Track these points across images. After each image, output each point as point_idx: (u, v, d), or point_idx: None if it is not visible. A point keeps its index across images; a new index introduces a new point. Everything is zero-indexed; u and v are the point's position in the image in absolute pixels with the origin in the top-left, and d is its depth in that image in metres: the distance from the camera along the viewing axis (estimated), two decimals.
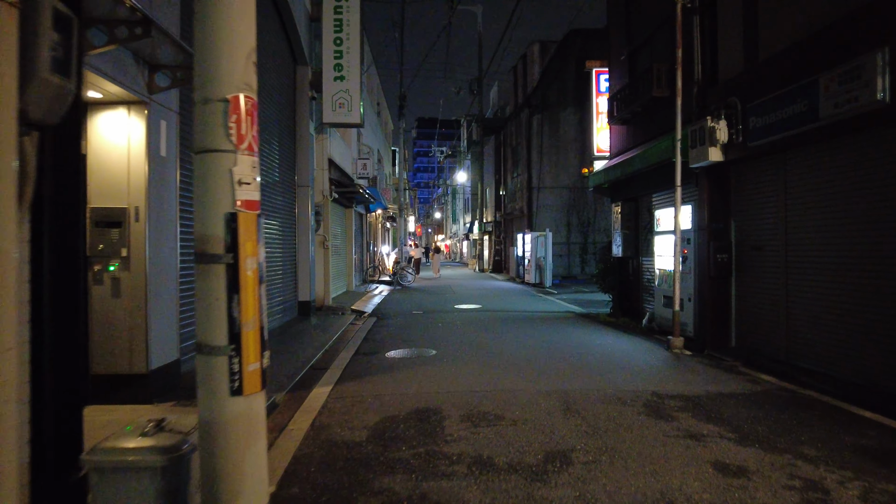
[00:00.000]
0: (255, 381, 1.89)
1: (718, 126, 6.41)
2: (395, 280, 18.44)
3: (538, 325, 9.40)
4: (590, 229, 23.25)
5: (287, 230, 9.77)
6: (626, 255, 10.11)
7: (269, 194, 8.68)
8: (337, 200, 13.26)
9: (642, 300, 9.92)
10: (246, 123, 1.91)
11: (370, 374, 5.79)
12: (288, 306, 9.74)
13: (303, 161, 10.40)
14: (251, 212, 1.91)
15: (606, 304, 12.29)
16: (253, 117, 1.95)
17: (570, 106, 23.15)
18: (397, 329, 9.05)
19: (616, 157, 10.36)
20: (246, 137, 1.91)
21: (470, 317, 10.49)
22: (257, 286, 1.93)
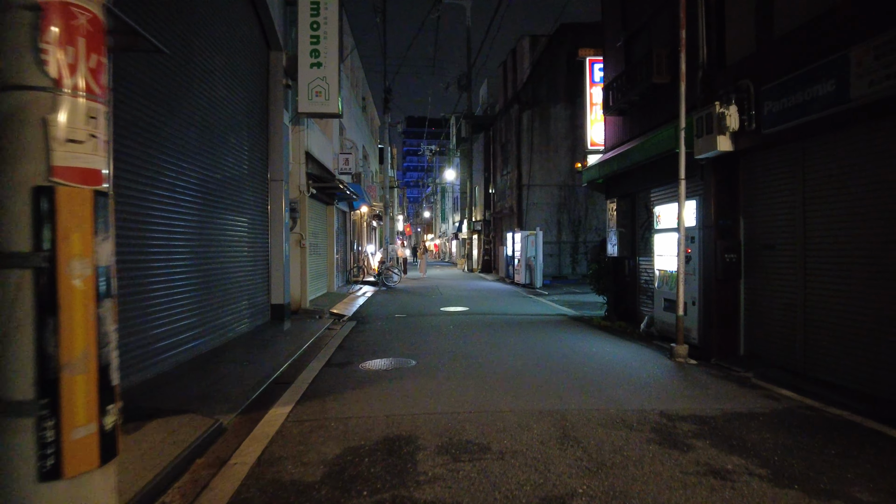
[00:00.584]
0: (86, 453, 1.19)
1: (728, 112, 5.78)
2: (380, 281, 17.71)
3: (529, 330, 8.75)
4: (581, 228, 22.71)
5: (257, 228, 9.02)
6: (622, 254, 9.49)
7: (236, 188, 7.95)
8: (316, 197, 12.52)
9: (639, 303, 9.31)
10: (78, 49, 1.21)
11: (339, 391, 5.09)
12: (258, 310, 9.00)
13: (276, 154, 9.65)
14: (84, 187, 1.21)
15: (600, 306, 11.67)
16: (94, 42, 1.26)
17: (561, 101, 22.58)
18: (376, 335, 8.35)
19: (611, 151, 9.75)
20: (77, 70, 1.21)
21: (456, 321, 9.81)
22: (93, 304, 1.23)
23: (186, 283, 6.28)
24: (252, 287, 8.70)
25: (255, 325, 8.66)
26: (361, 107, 23.26)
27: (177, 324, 6.00)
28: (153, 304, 5.38)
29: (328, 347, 7.37)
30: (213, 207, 7.12)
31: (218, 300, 7.20)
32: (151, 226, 5.43)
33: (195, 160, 6.49)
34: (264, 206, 9.44)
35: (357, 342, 7.73)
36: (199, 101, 6.59)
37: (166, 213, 5.75)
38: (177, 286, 6.01)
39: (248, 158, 8.62)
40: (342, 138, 16.09)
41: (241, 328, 8.05)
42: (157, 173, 5.51)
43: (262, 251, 9.27)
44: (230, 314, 7.64)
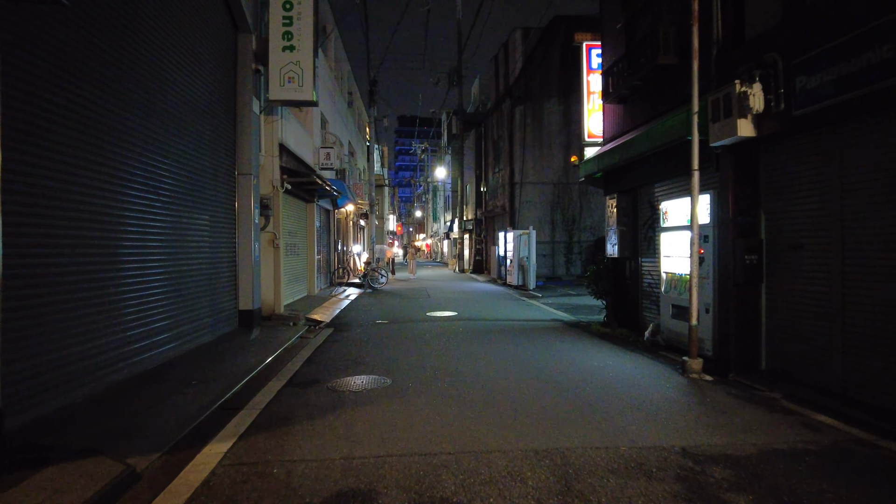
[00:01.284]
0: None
1: (752, 91, 4.99)
2: (365, 283, 16.85)
3: (522, 338, 7.93)
4: (575, 227, 21.97)
5: (222, 226, 8.15)
6: (623, 255, 8.70)
7: (195, 182, 7.07)
8: (293, 193, 11.64)
9: (642, 308, 8.52)
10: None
11: (294, 420, 4.24)
12: (223, 317, 8.12)
13: (245, 145, 8.77)
14: None
15: (598, 310, 10.89)
16: None
17: (555, 96, 21.83)
18: (352, 345, 7.50)
19: (611, 142, 8.95)
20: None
21: (443, 328, 8.98)
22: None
23: (130, 289, 5.43)
24: (215, 292, 7.83)
25: (218, 334, 7.78)
26: (347, 101, 22.38)
27: (114, 336, 5.14)
28: (83, 315, 4.51)
29: (295, 361, 6.51)
30: (165, 203, 6.25)
31: (170, 308, 6.33)
32: (85, 223, 4.57)
33: (139, 149, 5.62)
34: (230, 202, 8.56)
35: (329, 354, 6.87)
36: (144, 81, 5.72)
37: (103, 210, 4.91)
38: (117, 294, 5.16)
39: (211, 149, 7.74)
40: (324, 132, 15.21)
41: (201, 338, 7.18)
42: (90, 163, 4.64)
43: (227, 252, 8.40)
44: (186, 323, 6.77)
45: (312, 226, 13.44)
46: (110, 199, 5.07)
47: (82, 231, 4.57)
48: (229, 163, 8.52)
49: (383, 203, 36.69)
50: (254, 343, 7.49)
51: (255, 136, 8.99)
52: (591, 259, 22.44)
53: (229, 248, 8.50)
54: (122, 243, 5.32)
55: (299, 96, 9.13)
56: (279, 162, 10.10)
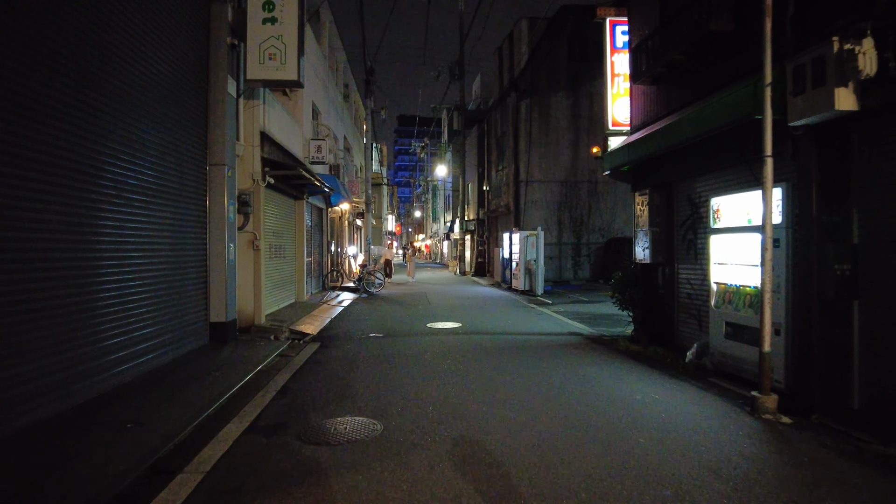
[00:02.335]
0: None
1: (861, 49, 3.79)
2: (360, 287, 15.64)
3: (540, 360, 6.72)
4: (583, 228, 20.79)
5: (189, 224, 6.94)
6: (656, 260, 7.50)
7: (154, 172, 5.87)
8: (279, 189, 10.43)
9: (678, 322, 7.33)
10: None
11: (242, 499, 3.03)
12: (189, 332, 6.92)
13: (218, 131, 7.57)
14: None
15: (620, 321, 9.73)
16: None
17: (563, 90, 20.65)
18: (339, 367, 6.28)
19: (641, 130, 7.76)
20: None
21: (446, 345, 7.78)
22: None
23: (62, 302, 4.27)
24: (178, 302, 6.62)
25: (182, 351, 6.57)
26: (343, 94, 21.16)
27: (37, 363, 3.99)
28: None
29: (267, 390, 5.30)
30: (109, 196, 5.05)
31: (117, 324, 5.12)
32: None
33: (70, 128, 4.44)
34: (200, 196, 7.36)
35: (309, 381, 5.66)
36: (77, 45, 4.53)
37: (22, 202, 3.76)
38: (42, 308, 4.00)
39: (175, 134, 6.54)
40: (316, 123, 14.00)
41: (160, 358, 5.97)
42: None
43: (195, 255, 7.19)
44: (138, 342, 5.57)
45: (302, 225, 12.23)
46: (24, 189, 3.90)
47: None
48: (198, 151, 7.31)
49: (381, 202, 35.47)
50: (223, 364, 6.28)
51: (230, 121, 7.78)
52: (602, 262, 21.30)
53: (198, 250, 7.29)
54: (44, 250, 4.15)
55: (281, 75, 7.93)
56: (261, 152, 8.89)
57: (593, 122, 20.73)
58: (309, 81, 12.90)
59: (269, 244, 10.06)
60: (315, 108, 13.99)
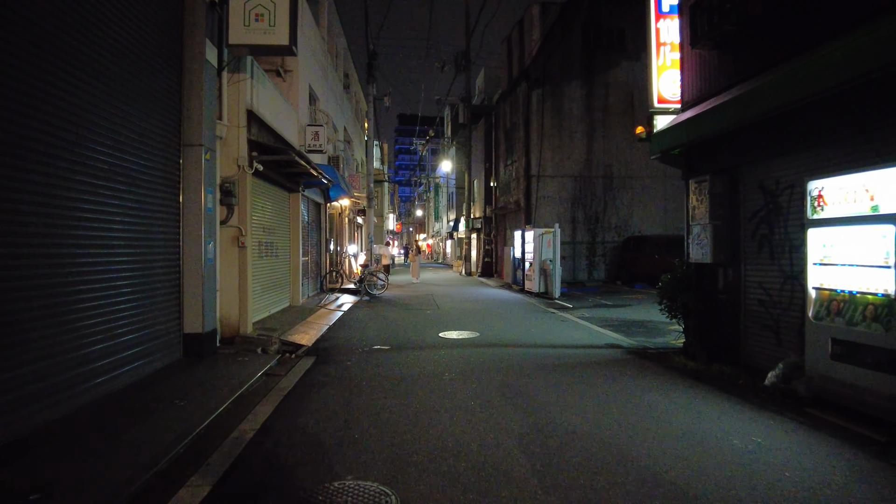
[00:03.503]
0: None
1: None
2: (362, 289, 14.41)
3: (588, 384, 5.48)
4: (598, 226, 19.56)
5: (154, 214, 5.71)
6: (718, 259, 6.27)
7: (109, 149, 4.64)
8: (271, 179, 9.20)
9: (744, 334, 6.09)
10: None
11: None
12: (156, 345, 5.68)
13: (194, 106, 6.34)
14: None
15: (657, 328, 8.58)
16: None
17: (577, 79, 19.43)
18: (337, 396, 5.04)
19: (696, 107, 6.53)
20: None
21: (466, 361, 6.54)
22: None
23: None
24: (142, 310, 5.39)
25: (145, 371, 5.33)
26: (343, 84, 19.93)
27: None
28: None
29: (245, 427, 4.06)
30: (44, 176, 3.82)
31: (45, 343, 3.89)
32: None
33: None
34: (171, 183, 6.13)
35: (299, 416, 4.41)
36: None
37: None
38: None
39: (136, 104, 5.31)
40: (314, 109, 12.76)
41: (110, 383, 4.73)
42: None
43: (164, 252, 5.96)
44: (80, 364, 4.34)
45: (297, 221, 11.00)
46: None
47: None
48: (169, 128, 6.08)
49: (383, 200, 34.26)
50: (193, 388, 5.05)
51: (209, 94, 6.55)
52: (619, 263, 20.05)
53: (168, 247, 6.06)
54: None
55: (270, 40, 6.70)
56: (247, 134, 7.66)
57: (609, 113, 19.54)
58: (306, 62, 11.68)
59: (259, 241, 8.83)
60: (312, 92, 12.75)
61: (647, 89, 7.48)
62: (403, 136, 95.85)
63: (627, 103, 19.66)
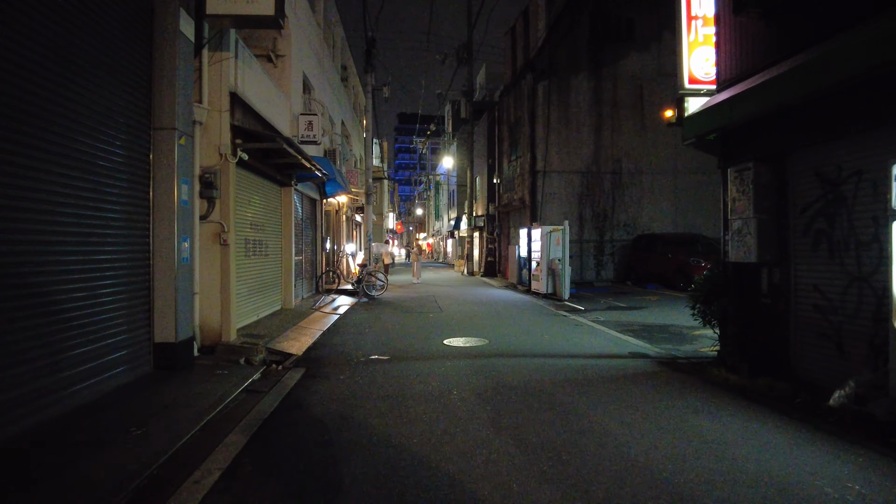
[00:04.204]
0: None
1: None
2: (360, 290, 13.63)
3: (623, 405, 4.70)
4: (607, 224, 18.78)
5: (116, 208, 4.94)
6: (763, 259, 5.49)
7: (56, 129, 3.87)
8: (260, 171, 8.43)
9: (795, 344, 5.31)
10: None
11: None
12: (123, 358, 4.92)
13: (167, 85, 5.57)
14: None
15: (680, 333, 7.86)
16: None
17: (584, 71, 18.64)
18: (326, 424, 4.25)
19: (736, 85, 5.75)
20: None
21: (473, 374, 5.77)
22: None
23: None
24: (100, 318, 4.62)
25: (106, 387, 4.56)
26: (341, 77, 19.16)
27: None
28: None
29: (205, 472, 3.27)
30: None
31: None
32: None
33: None
34: (139, 171, 5.35)
35: (277, 451, 3.64)
36: None
37: None
38: None
39: (96, 80, 4.54)
40: (308, 98, 11.98)
41: (56, 406, 3.95)
42: None
43: (129, 252, 5.18)
44: (31, 379, 3.57)
45: (289, 217, 10.22)
46: None
47: None
48: (137, 109, 5.30)
49: (382, 198, 33.49)
50: (158, 409, 4.27)
51: (184, 72, 5.76)
52: (629, 262, 19.23)
53: (135, 246, 5.28)
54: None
55: (253, 9, 5.92)
56: (230, 119, 6.88)
57: (618, 107, 18.76)
58: (299, 48, 10.90)
59: (246, 239, 8.06)
60: (307, 80, 11.97)
61: (677, 69, 6.68)
62: (404, 136, 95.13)
63: (637, 96, 18.90)
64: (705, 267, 14.44)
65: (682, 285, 14.77)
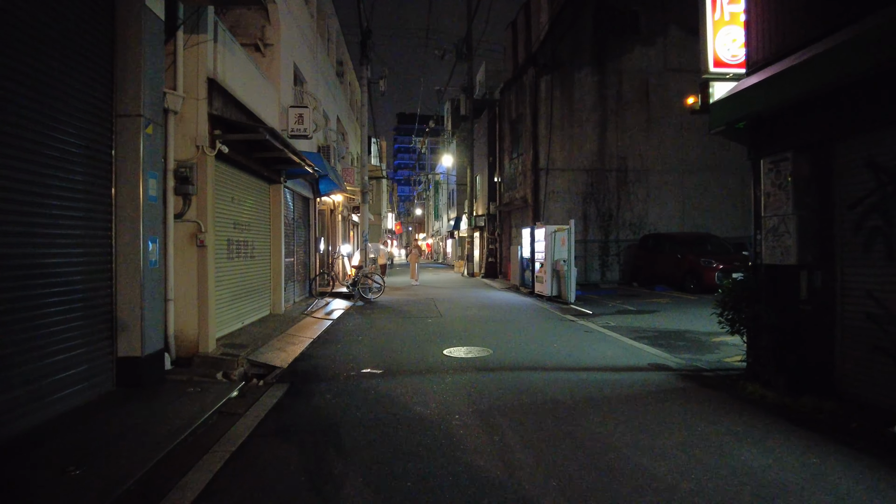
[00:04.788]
0: None
1: None
2: (356, 293, 13.00)
3: (650, 431, 4.07)
4: (612, 224, 18.17)
5: (67, 203, 4.31)
6: (804, 260, 4.87)
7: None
8: (244, 166, 7.80)
9: (841, 358, 4.68)
10: None
11: None
12: (77, 376, 4.30)
13: (132, 66, 4.94)
14: None
15: (698, 340, 7.28)
16: None
17: (587, 66, 18.03)
18: (306, 456, 3.63)
19: (770, 66, 5.13)
20: None
21: (477, 392, 5.14)
22: None
23: None
24: (45, 331, 3.99)
25: (53, 412, 3.91)
26: (337, 72, 18.55)
27: None
28: None
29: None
30: None
31: None
32: None
33: None
34: (101, 164, 4.73)
35: (244, 496, 3.01)
36: None
37: None
38: None
39: (42, 56, 3.91)
40: (300, 91, 11.34)
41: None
42: None
43: (86, 255, 4.55)
44: None
45: (279, 217, 9.58)
46: None
47: None
48: (96, 93, 4.67)
49: (380, 197, 32.84)
50: (109, 440, 3.64)
51: (152, 52, 5.13)
52: (635, 263, 18.56)
53: (93, 248, 4.65)
54: None
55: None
56: (208, 108, 6.24)
57: (623, 103, 18.14)
58: (289, 36, 10.28)
59: (229, 239, 7.42)
60: (298, 72, 11.34)
61: (701, 51, 6.06)
62: (403, 136, 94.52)
63: (642, 92, 18.29)
64: (717, 268, 13.84)
65: (693, 287, 14.16)
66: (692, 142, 18.32)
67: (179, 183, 6.04)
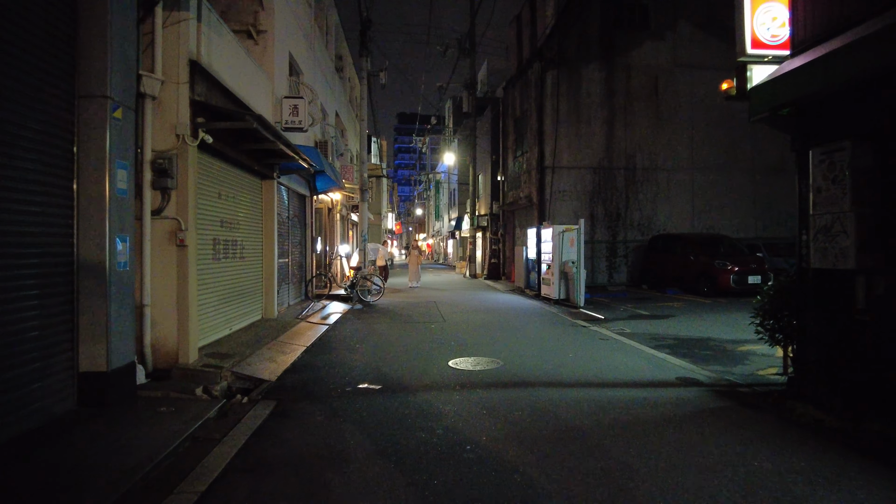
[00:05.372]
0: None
1: None
2: (354, 295, 12.39)
3: (693, 466, 3.48)
4: (620, 224, 17.56)
5: (16, 196, 3.71)
6: (863, 264, 4.26)
7: None
8: (232, 159, 7.20)
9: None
10: None
11: None
12: (22, 397, 3.69)
13: (97, 43, 4.34)
14: None
15: (722, 348, 6.70)
16: None
17: (595, 61, 17.42)
18: (291, 498, 3.02)
19: (820, 46, 4.53)
20: None
21: (489, 414, 4.53)
22: None
23: None
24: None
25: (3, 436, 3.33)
26: (336, 66, 17.95)
27: None
28: None
29: None
30: None
31: None
32: None
33: None
34: (59, 153, 4.12)
35: None
36: None
37: None
38: None
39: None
40: (295, 82, 10.74)
41: None
42: None
43: (42, 257, 3.94)
44: None
45: (271, 214, 8.97)
46: None
47: None
48: (54, 70, 4.07)
49: (380, 197, 32.26)
50: (48, 482, 3.03)
51: (121, 26, 4.52)
52: (644, 264, 17.93)
53: (51, 248, 4.04)
54: None
55: None
56: (189, 93, 5.63)
57: (631, 99, 17.54)
58: (285, 24, 9.68)
59: (215, 238, 6.82)
60: (294, 62, 10.74)
61: (737, 31, 5.43)
62: (403, 136, 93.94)
63: (651, 88, 17.69)
64: (732, 270, 13.26)
65: (707, 290, 13.56)
66: (702, 140, 17.76)
67: (157, 176, 5.44)
